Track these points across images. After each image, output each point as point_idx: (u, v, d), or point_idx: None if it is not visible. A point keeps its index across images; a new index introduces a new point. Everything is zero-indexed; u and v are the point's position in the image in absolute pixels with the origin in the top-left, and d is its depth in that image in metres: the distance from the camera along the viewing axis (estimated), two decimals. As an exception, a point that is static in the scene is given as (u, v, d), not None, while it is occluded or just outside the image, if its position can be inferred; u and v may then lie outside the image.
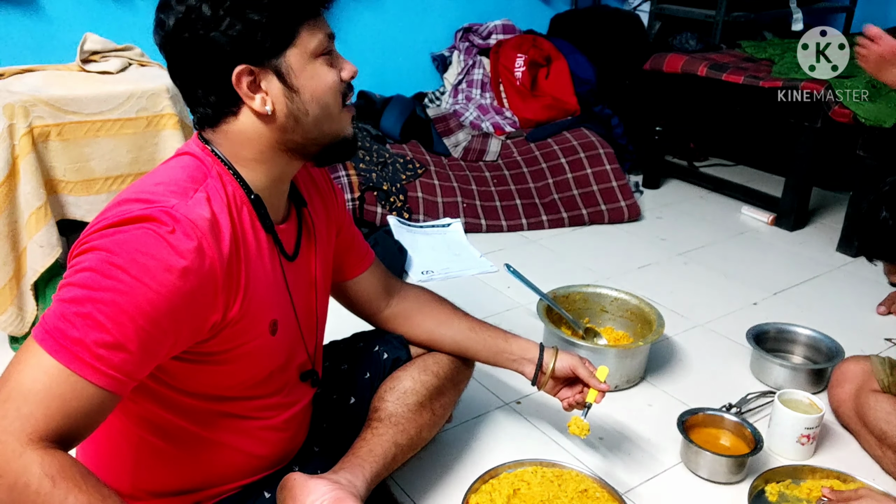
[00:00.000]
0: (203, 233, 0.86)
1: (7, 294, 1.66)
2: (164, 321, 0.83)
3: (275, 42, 0.90)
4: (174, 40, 0.90)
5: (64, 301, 0.80)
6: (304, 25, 0.92)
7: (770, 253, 2.50)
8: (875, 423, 1.44)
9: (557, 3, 3.57)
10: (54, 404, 0.76)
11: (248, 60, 0.89)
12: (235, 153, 0.96)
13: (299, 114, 0.94)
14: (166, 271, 0.82)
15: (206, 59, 0.89)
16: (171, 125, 1.74)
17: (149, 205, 0.85)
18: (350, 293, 1.30)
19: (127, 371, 0.81)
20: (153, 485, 1.03)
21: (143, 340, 0.81)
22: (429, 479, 1.38)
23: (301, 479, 1.03)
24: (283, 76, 0.92)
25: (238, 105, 0.93)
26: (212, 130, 0.96)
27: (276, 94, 0.92)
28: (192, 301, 0.85)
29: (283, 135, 0.95)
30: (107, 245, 0.82)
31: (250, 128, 0.94)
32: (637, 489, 1.39)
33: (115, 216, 0.84)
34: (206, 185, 0.91)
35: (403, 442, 1.22)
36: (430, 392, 1.29)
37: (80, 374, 0.77)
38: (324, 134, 0.98)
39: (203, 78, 0.91)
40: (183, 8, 0.88)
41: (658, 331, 1.68)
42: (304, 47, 0.92)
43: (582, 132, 2.82)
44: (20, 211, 1.62)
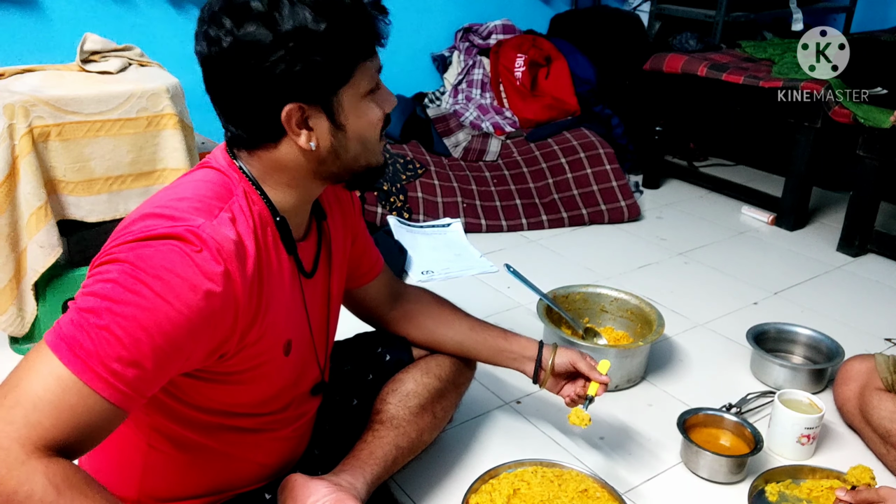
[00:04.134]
0: (230, 257, 0.84)
1: (7, 294, 1.66)
2: (182, 341, 0.81)
3: (331, 82, 0.88)
4: (224, 64, 0.86)
5: (82, 311, 0.78)
6: (360, 65, 0.90)
7: (770, 253, 2.50)
8: (879, 422, 1.45)
9: (557, 3, 3.57)
10: (63, 415, 0.75)
11: (300, 98, 0.87)
12: (266, 175, 0.94)
13: (340, 149, 0.93)
14: (190, 291, 0.80)
15: (257, 90, 0.86)
16: (171, 125, 1.74)
17: (175, 222, 0.83)
18: (358, 299, 1.30)
19: (138, 388, 0.79)
20: (159, 492, 1.03)
21: (158, 358, 0.79)
22: (429, 480, 1.38)
23: (302, 480, 1.03)
24: (332, 114, 0.90)
25: (280, 136, 0.91)
26: (246, 152, 0.94)
27: (322, 132, 0.91)
28: (211, 323, 0.84)
29: (320, 166, 0.94)
30: (132, 258, 0.80)
31: (287, 157, 0.93)
32: (637, 489, 1.39)
33: (140, 231, 0.82)
34: (232, 205, 0.89)
35: (404, 444, 1.22)
36: (432, 394, 1.29)
37: (93, 387, 0.76)
38: (359, 165, 0.97)
39: (248, 106, 0.88)
40: (242, 34, 0.83)
41: (658, 331, 1.68)
42: (356, 87, 0.91)
43: (582, 132, 2.82)
44: (20, 211, 1.62)
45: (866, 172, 2.38)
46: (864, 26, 3.63)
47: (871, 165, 2.35)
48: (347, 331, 1.42)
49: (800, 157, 2.59)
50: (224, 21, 0.84)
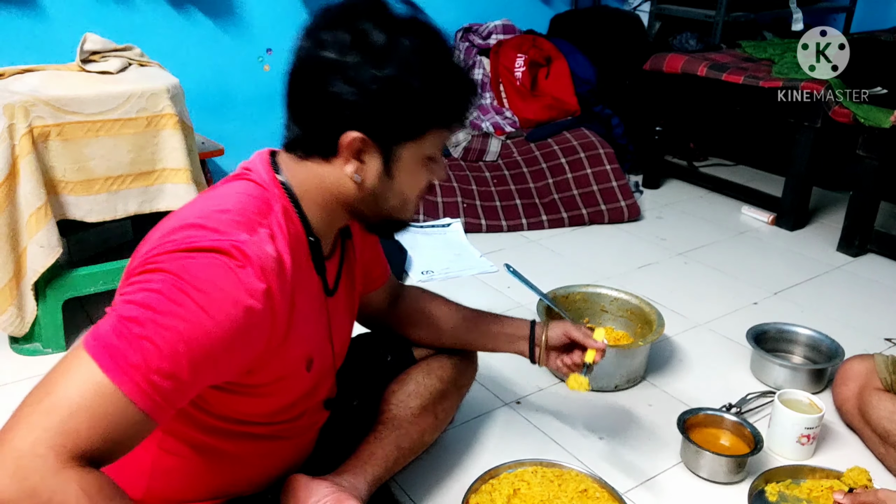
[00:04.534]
0: (271, 275, 0.84)
1: (7, 294, 1.66)
2: (219, 355, 0.81)
3: (401, 133, 0.90)
4: (319, 71, 0.87)
5: (125, 319, 0.76)
6: (434, 130, 0.92)
7: (770, 253, 2.50)
8: (878, 422, 1.45)
9: (557, 3, 3.57)
10: (99, 424, 0.73)
11: (368, 132, 0.88)
12: (305, 190, 0.95)
13: (381, 196, 0.95)
14: (233, 306, 0.80)
15: (334, 107, 0.87)
16: (171, 125, 1.74)
17: (219, 235, 0.83)
18: (362, 305, 1.30)
19: (173, 400, 0.78)
20: (166, 493, 1.02)
21: (194, 371, 0.79)
22: (429, 479, 1.38)
23: (304, 480, 1.03)
24: (388, 160, 0.92)
25: (334, 156, 0.92)
26: (296, 158, 0.95)
27: (371, 172, 0.92)
28: (248, 339, 0.84)
29: (355, 202, 0.95)
30: (176, 269, 0.79)
31: (330, 179, 0.93)
32: (637, 489, 1.39)
33: (184, 241, 0.82)
34: (271, 221, 0.89)
35: (405, 445, 1.22)
36: (434, 395, 1.29)
37: (131, 397, 0.74)
38: (390, 216, 0.99)
39: (322, 114, 0.89)
40: (348, 57, 0.85)
41: (658, 331, 1.68)
42: (421, 147, 0.93)
43: (582, 132, 2.82)
44: (20, 211, 1.62)
45: (866, 172, 2.38)
46: (864, 26, 3.63)
47: (871, 165, 2.35)
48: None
49: (800, 157, 2.59)
50: (340, 35, 0.86)
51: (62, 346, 1.76)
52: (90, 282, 1.77)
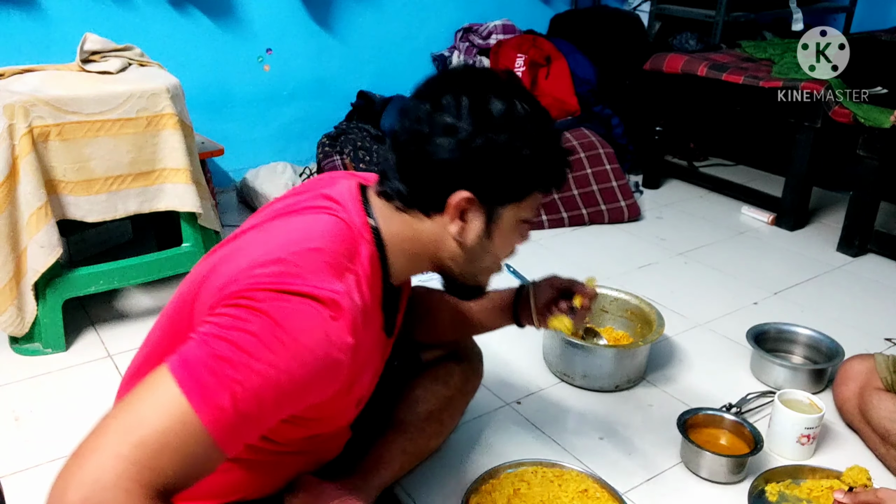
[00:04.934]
0: (359, 329, 0.85)
1: (7, 294, 1.66)
2: (297, 400, 0.82)
3: (507, 195, 0.95)
4: (434, 132, 0.90)
5: (218, 358, 0.76)
6: (534, 194, 0.97)
7: (770, 253, 2.50)
8: (878, 422, 1.45)
9: (557, 3, 3.57)
10: (185, 462, 0.73)
11: (477, 193, 0.92)
12: (395, 240, 0.96)
13: (476, 255, 0.98)
14: (323, 358, 0.81)
15: (445, 169, 0.91)
16: (171, 125, 1.74)
17: (316, 281, 0.83)
18: None
19: (247, 439, 0.79)
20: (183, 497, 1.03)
21: (273, 414, 0.80)
22: (429, 479, 1.38)
23: (313, 482, 1.04)
24: (490, 221, 0.95)
25: (436, 213, 0.94)
26: (394, 208, 0.96)
27: (473, 231, 0.95)
28: (326, 386, 0.85)
29: (449, 259, 0.98)
30: (272, 312, 0.79)
31: (428, 234, 0.96)
32: (637, 489, 1.39)
33: (279, 281, 0.81)
34: (357, 266, 0.90)
35: (411, 450, 1.24)
36: (440, 401, 1.30)
37: (217, 440, 0.75)
38: (474, 277, 1.03)
39: (429, 176, 0.92)
40: (464, 124, 0.89)
41: (658, 331, 1.68)
42: (521, 210, 0.97)
43: (582, 132, 2.82)
44: (20, 211, 1.62)
45: (866, 172, 2.37)
46: (864, 26, 3.63)
47: (871, 165, 2.35)
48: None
49: (800, 157, 2.59)
50: (463, 99, 0.90)
51: (62, 346, 1.76)
52: (90, 282, 1.77)
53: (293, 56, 2.82)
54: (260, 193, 2.55)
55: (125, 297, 2.03)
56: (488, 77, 0.93)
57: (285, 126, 2.90)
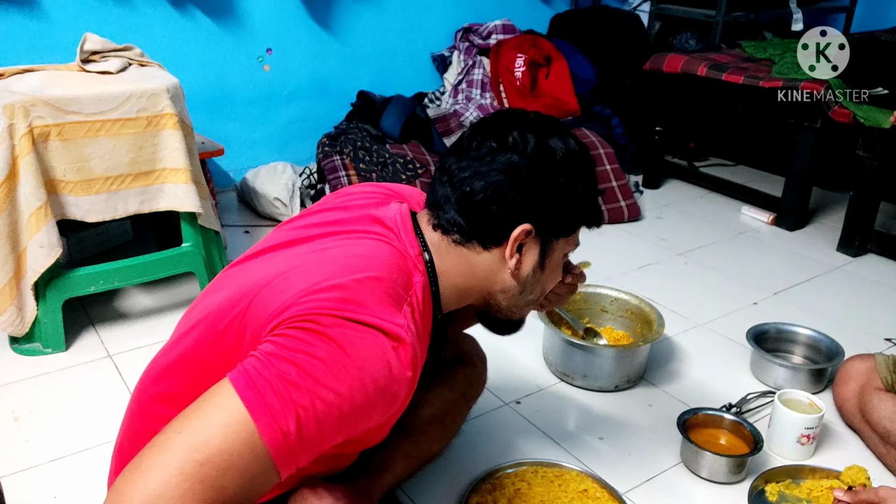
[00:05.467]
0: (417, 359, 0.87)
1: (7, 294, 1.66)
2: (357, 427, 0.83)
3: (563, 229, 1.01)
4: (501, 170, 0.94)
5: (285, 381, 0.76)
6: (580, 228, 1.04)
7: (770, 253, 2.50)
8: (878, 422, 1.45)
9: (557, 3, 3.57)
10: (246, 483, 0.74)
11: (536, 226, 0.96)
12: (449, 272, 0.98)
13: (527, 288, 1.02)
14: (383, 390, 0.82)
15: (510, 205, 0.94)
16: (171, 125, 1.74)
17: (381, 312, 0.84)
18: None
19: (302, 463, 0.80)
20: None
21: (331, 440, 0.81)
22: (429, 480, 1.38)
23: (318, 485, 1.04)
24: (544, 253, 1.00)
25: (494, 246, 0.97)
26: (450, 241, 0.97)
27: (528, 263, 0.99)
28: (383, 415, 0.86)
29: (500, 292, 1.01)
30: (340, 340, 0.79)
31: (484, 267, 0.98)
32: (637, 489, 1.39)
33: (346, 309, 0.82)
34: (412, 297, 0.91)
35: (415, 454, 1.24)
36: (444, 405, 1.31)
37: (276, 462, 0.76)
38: (520, 311, 1.06)
39: (493, 212, 0.94)
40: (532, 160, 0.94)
41: (658, 331, 1.68)
42: (568, 243, 1.04)
43: (582, 132, 2.82)
44: (20, 211, 1.62)
45: (866, 172, 2.37)
46: (864, 26, 3.63)
47: (871, 165, 2.35)
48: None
49: (800, 157, 2.59)
50: (530, 139, 0.95)
51: (62, 346, 1.76)
52: (90, 282, 1.77)
53: (293, 56, 2.82)
54: (260, 193, 2.54)
55: (125, 297, 2.03)
56: (544, 119, 0.99)
57: (285, 126, 2.90)
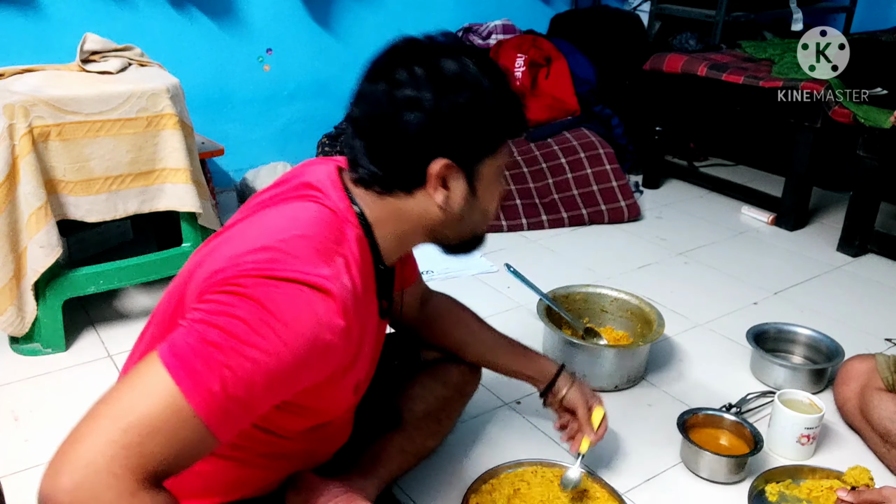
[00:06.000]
0: (349, 310, 0.85)
1: (7, 294, 1.66)
2: (290, 385, 0.82)
3: (484, 150, 0.95)
4: (396, 110, 0.90)
5: (207, 343, 0.76)
6: (505, 142, 0.98)
7: (770, 253, 2.50)
8: (879, 422, 1.45)
9: (557, 3, 3.57)
10: (175, 447, 0.74)
11: (452, 157, 0.92)
12: (383, 222, 0.96)
13: (467, 216, 0.98)
14: (313, 341, 0.81)
15: (416, 141, 0.90)
16: (171, 125, 1.74)
17: (303, 266, 0.83)
18: None
19: (239, 423, 0.80)
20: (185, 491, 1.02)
21: (264, 399, 0.80)
22: (429, 479, 1.38)
23: (313, 480, 1.04)
24: (471, 180, 0.95)
25: (417, 187, 0.94)
26: (373, 194, 0.96)
27: (457, 194, 0.95)
28: (318, 370, 0.85)
29: (441, 226, 0.98)
30: (261, 298, 0.79)
31: (415, 210, 0.96)
32: (637, 489, 1.39)
33: (267, 267, 0.82)
34: (345, 249, 0.90)
35: (410, 449, 1.24)
36: (439, 400, 1.30)
37: (206, 423, 0.75)
38: (473, 234, 1.03)
39: (402, 152, 0.92)
40: (423, 94, 0.89)
41: (658, 331, 1.68)
42: (497, 160, 0.97)
43: (582, 132, 2.82)
44: (20, 211, 1.62)
45: (866, 172, 2.38)
46: (864, 26, 3.63)
47: (871, 165, 2.35)
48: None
49: (800, 157, 2.59)
50: (416, 70, 0.89)
51: (62, 346, 1.76)
52: (90, 282, 1.77)
53: (293, 56, 2.82)
54: (260, 193, 2.54)
55: (125, 297, 2.03)
56: (433, 42, 0.94)
57: (285, 126, 2.90)
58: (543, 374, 1.35)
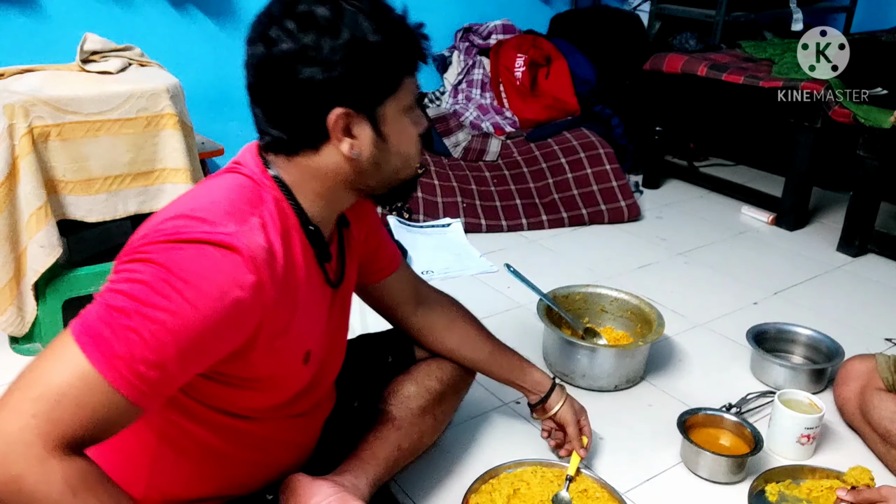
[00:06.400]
0: (262, 266, 0.84)
1: (7, 294, 1.66)
2: (206, 345, 0.82)
3: (380, 91, 0.91)
4: (279, 67, 0.88)
5: (112, 309, 0.77)
6: (406, 78, 0.94)
7: (770, 253, 2.50)
8: (879, 422, 1.45)
9: (557, 3, 3.57)
10: (85, 412, 0.75)
11: (349, 104, 0.89)
12: (301, 183, 0.95)
13: (382, 161, 0.96)
14: (220, 298, 0.80)
15: (307, 95, 0.88)
16: (171, 125, 1.74)
17: (208, 227, 0.83)
18: (376, 295, 1.30)
19: (160, 389, 0.80)
20: (166, 491, 1.02)
21: (181, 361, 0.80)
22: (429, 480, 1.38)
23: (305, 480, 1.03)
24: (376, 124, 0.93)
25: (323, 142, 0.92)
26: (284, 157, 0.95)
27: (365, 141, 0.93)
28: (236, 329, 0.85)
29: (359, 177, 0.96)
30: (163, 261, 0.79)
31: (328, 165, 0.94)
32: (637, 489, 1.39)
33: (172, 231, 0.82)
34: (262, 211, 0.89)
35: (406, 445, 1.23)
36: (434, 397, 1.30)
37: (116, 386, 0.75)
38: (397, 180, 1.00)
39: (296, 109, 0.90)
40: (302, 40, 0.86)
41: (658, 331, 1.68)
42: (400, 100, 0.94)
43: (582, 132, 2.82)
44: (20, 211, 1.62)
45: (866, 172, 2.37)
46: (864, 26, 3.63)
47: (871, 165, 2.35)
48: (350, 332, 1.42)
49: (800, 157, 2.59)
50: (287, 24, 0.87)
51: (62, 346, 1.75)
52: (90, 282, 1.77)
53: (293, 56, 2.82)
54: (260, 193, 2.54)
55: (125, 297, 2.02)
56: None
57: (285, 126, 2.89)
58: (537, 387, 1.38)
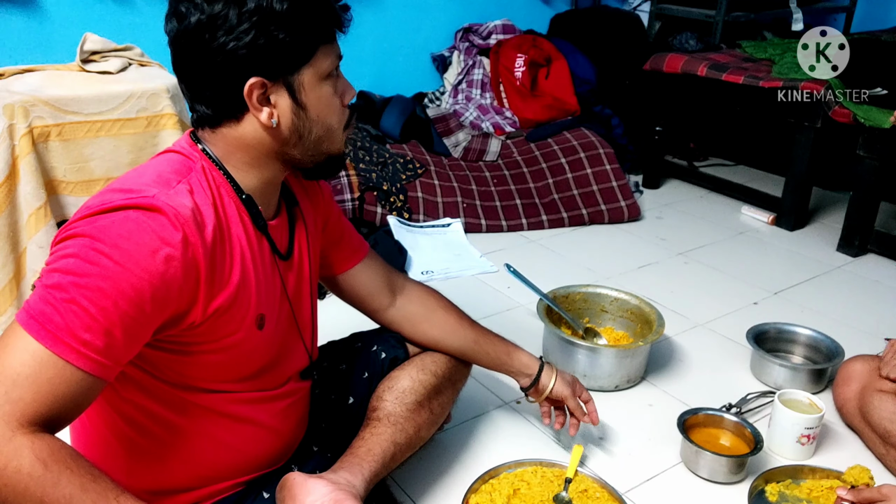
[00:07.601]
0: (187, 223, 0.87)
1: (7, 295, 1.66)
2: (148, 306, 0.84)
3: (293, 59, 0.92)
4: (192, 40, 0.89)
5: (48, 287, 0.80)
6: (322, 47, 0.94)
7: (770, 253, 2.50)
8: (879, 422, 1.45)
9: (557, 3, 3.57)
10: (43, 389, 0.77)
11: (263, 73, 0.90)
12: (228, 155, 0.97)
13: (303, 130, 0.97)
14: (149, 256, 0.83)
15: (221, 66, 0.90)
16: (171, 125, 1.74)
17: (132, 194, 0.86)
18: (345, 287, 1.30)
19: (112, 356, 0.82)
20: (147, 484, 1.03)
21: (126, 325, 0.82)
22: (428, 479, 1.38)
23: (300, 478, 1.03)
24: (293, 93, 0.94)
25: (243, 113, 0.94)
26: (210, 131, 0.97)
27: (283, 110, 0.94)
28: (173, 287, 0.86)
29: (283, 147, 0.97)
30: (90, 231, 0.82)
31: (250, 135, 0.96)
32: (637, 489, 1.39)
33: (97, 205, 0.85)
34: (190, 178, 0.92)
35: (402, 441, 1.22)
36: (429, 391, 1.29)
37: (66, 358, 0.78)
38: (321, 152, 1.01)
39: (213, 82, 0.92)
40: (210, 11, 0.87)
41: (658, 331, 1.68)
42: (317, 67, 0.94)
43: (582, 132, 2.82)
44: (20, 211, 1.62)
45: (866, 172, 2.38)
46: (864, 26, 3.63)
47: (871, 165, 2.35)
48: (343, 330, 1.42)
49: (800, 157, 2.59)
50: (196, 1, 0.88)
51: (62, 346, 1.76)
52: (90, 282, 1.77)
53: (293, 56, 2.82)
54: (260, 193, 2.55)
55: (125, 297, 2.02)
56: None
57: (285, 126, 2.89)
58: (526, 369, 1.38)
